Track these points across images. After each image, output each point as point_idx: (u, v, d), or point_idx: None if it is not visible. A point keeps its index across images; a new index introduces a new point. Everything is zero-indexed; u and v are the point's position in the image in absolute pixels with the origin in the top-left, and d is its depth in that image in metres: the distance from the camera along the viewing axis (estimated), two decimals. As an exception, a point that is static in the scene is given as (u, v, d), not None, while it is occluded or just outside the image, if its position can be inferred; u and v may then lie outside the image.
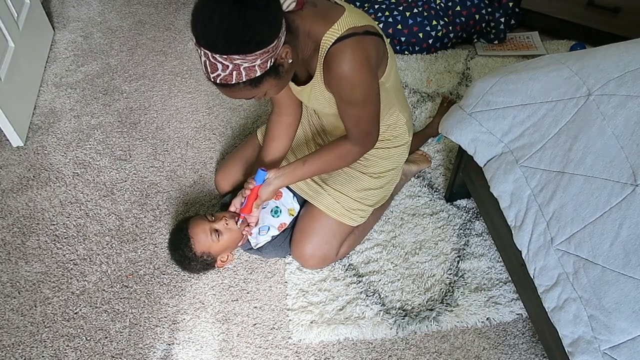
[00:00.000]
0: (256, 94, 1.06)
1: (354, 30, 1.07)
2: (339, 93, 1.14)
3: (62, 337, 1.37)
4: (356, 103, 1.15)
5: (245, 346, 1.36)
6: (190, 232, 1.38)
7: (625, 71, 1.10)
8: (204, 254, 1.39)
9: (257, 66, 0.98)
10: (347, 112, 1.19)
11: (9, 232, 1.60)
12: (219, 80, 0.99)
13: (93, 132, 1.90)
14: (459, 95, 1.99)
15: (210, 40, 0.94)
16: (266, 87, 1.05)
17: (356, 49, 1.07)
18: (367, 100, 1.16)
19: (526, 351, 1.34)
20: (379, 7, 2.16)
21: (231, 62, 0.96)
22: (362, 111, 1.18)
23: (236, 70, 0.97)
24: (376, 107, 1.20)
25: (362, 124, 1.21)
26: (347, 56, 1.06)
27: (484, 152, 1.27)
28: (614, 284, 0.96)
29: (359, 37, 1.07)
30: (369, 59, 1.09)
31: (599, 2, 2.00)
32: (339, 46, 1.06)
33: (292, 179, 1.31)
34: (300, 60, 1.15)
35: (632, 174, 0.98)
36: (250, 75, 0.99)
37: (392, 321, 1.38)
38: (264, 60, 0.98)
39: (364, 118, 1.20)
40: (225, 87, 1.02)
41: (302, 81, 1.22)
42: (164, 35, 2.32)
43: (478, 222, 1.60)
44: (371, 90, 1.14)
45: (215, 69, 0.97)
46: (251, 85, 1.01)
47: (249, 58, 0.96)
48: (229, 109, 1.98)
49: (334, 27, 1.07)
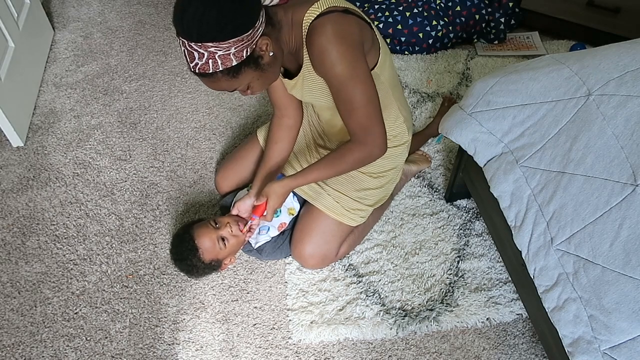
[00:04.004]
0: (237, 85, 1.07)
1: (334, 8, 1.09)
2: (324, 71, 1.12)
3: (62, 337, 1.37)
4: (343, 82, 1.11)
5: (245, 346, 1.36)
6: (197, 243, 1.36)
7: (625, 71, 1.10)
8: (212, 261, 1.39)
9: (232, 55, 1.00)
10: (339, 99, 1.15)
11: (9, 232, 1.60)
12: (197, 69, 1.02)
13: (93, 132, 1.90)
14: (459, 95, 1.99)
15: (186, 29, 0.98)
16: (247, 79, 1.07)
17: (335, 22, 1.07)
18: (355, 78, 1.11)
19: (526, 351, 1.34)
20: (379, 7, 2.16)
21: (206, 50, 0.98)
22: (352, 93, 1.12)
23: (212, 59, 0.99)
24: (367, 90, 1.13)
25: (356, 114, 1.15)
26: (327, 29, 1.07)
27: (484, 152, 1.27)
28: (614, 284, 0.96)
29: (338, 14, 1.08)
30: (351, 34, 1.09)
31: (599, 2, 2.00)
32: (319, 21, 1.08)
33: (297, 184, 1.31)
34: (287, 53, 1.16)
35: (632, 174, 0.98)
36: (226, 64, 1.01)
37: (392, 321, 1.38)
38: (238, 49, 1.00)
39: (356, 104, 1.14)
40: (205, 77, 1.04)
41: (295, 74, 1.22)
42: (164, 35, 2.32)
43: (478, 222, 1.60)
44: (358, 69, 1.11)
45: (193, 58, 1.00)
46: (229, 75, 1.03)
47: (222, 46, 0.98)
48: (229, 109, 1.98)
49: (314, 6, 1.09)
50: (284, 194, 1.32)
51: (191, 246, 1.36)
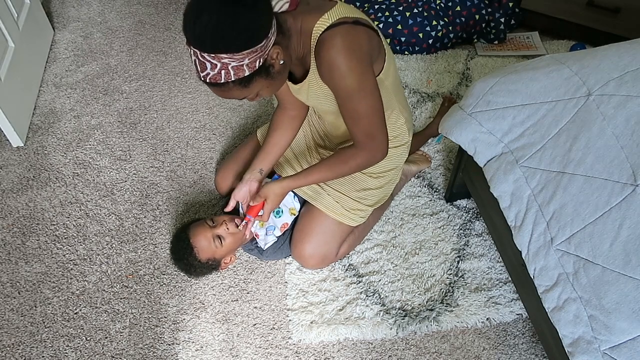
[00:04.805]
0: (247, 94, 1.06)
1: (344, 20, 1.07)
2: (332, 83, 1.12)
3: (62, 337, 1.37)
4: (350, 94, 1.11)
5: (245, 346, 1.36)
6: (192, 242, 1.37)
7: (625, 71, 1.10)
8: (209, 260, 1.39)
9: (246, 66, 0.98)
10: (345, 108, 1.16)
11: (9, 232, 1.60)
12: (208, 79, 1.00)
13: (93, 132, 1.90)
14: (459, 95, 1.99)
15: (198, 39, 0.95)
16: (257, 87, 1.05)
17: (346, 35, 1.06)
18: (362, 91, 1.12)
19: (526, 351, 1.34)
20: (379, 7, 2.16)
21: (219, 61, 0.96)
22: (359, 105, 1.14)
23: (224, 69, 0.98)
24: (374, 102, 1.15)
25: (361, 123, 1.17)
26: (337, 42, 1.06)
27: (484, 152, 1.27)
28: (614, 284, 0.96)
29: (348, 26, 1.07)
30: (360, 47, 1.09)
31: (599, 2, 2.00)
32: (329, 33, 1.06)
33: (296, 186, 1.31)
34: (294, 60, 1.15)
35: (632, 174, 0.98)
36: (238, 74, 0.99)
37: (392, 321, 1.38)
38: (252, 60, 0.98)
39: (362, 115, 1.15)
40: (215, 87, 1.03)
41: (300, 79, 1.22)
42: (164, 35, 2.32)
43: (478, 222, 1.60)
44: (365, 81, 1.11)
45: (204, 68, 0.98)
46: (241, 84, 1.02)
47: (236, 57, 0.96)
48: (229, 109, 1.98)
49: (324, 16, 1.08)
50: (283, 194, 1.32)
51: (187, 245, 1.37)
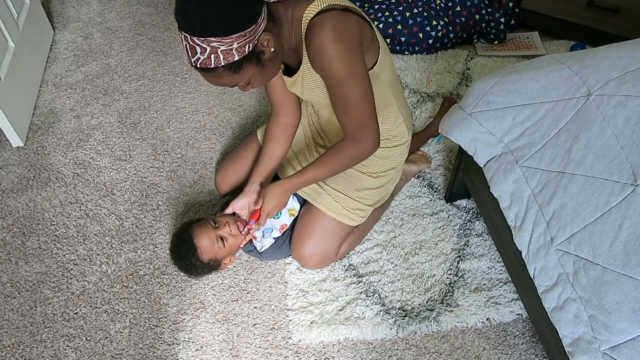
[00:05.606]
0: (238, 80, 1.08)
1: (333, 7, 1.09)
2: (322, 69, 1.12)
3: (62, 337, 1.37)
4: (340, 79, 1.12)
5: (245, 346, 1.36)
6: (196, 242, 1.36)
7: (625, 71, 1.10)
8: (210, 261, 1.39)
9: (235, 50, 1.00)
10: (335, 96, 1.16)
11: (9, 232, 1.60)
12: (199, 64, 1.02)
13: (93, 132, 1.90)
14: (459, 95, 1.99)
15: (188, 23, 0.98)
16: (248, 74, 1.07)
17: (334, 20, 1.08)
18: (352, 77, 1.12)
19: (526, 351, 1.34)
20: (379, 7, 2.16)
21: (208, 45, 0.99)
22: (349, 92, 1.13)
23: (214, 54, 1.00)
24: (364, 89, 1.14)
25: (351, 111, 1.16)
26: (326, 26, 1.07)
27: (484, 152, 1.27)
28: (614, 284, 0.96)
29: (337, 12, 1.09)
30: (350, 33, 1.10)
31: (599, 2, 2.00)
32: (318, 18, 1.08)
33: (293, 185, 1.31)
34: (287, 49, 1.17)
35: (632, 174, 0.98)
36: (228, 59, 1.01)
37: (392, 321, 1.38)
38: (241, 44, 1.00)
39: (352, 102, 1.15)
40: (206, 72, 1.04)
41: (295, 71, 1.23)
42: (164, 35, 2.32)
43: (478, 222, 1.60)
44: (355, 67, 1.11)
45: (194, 53, 1.01)
46: (231, 70, 1.04)
47: (225, 41, 0.98)
48: (229, 109, 1.98)
49: (314, 3, 1.10)
50: (280, 195, 1.31)
51: (190, 245, 1.36)
